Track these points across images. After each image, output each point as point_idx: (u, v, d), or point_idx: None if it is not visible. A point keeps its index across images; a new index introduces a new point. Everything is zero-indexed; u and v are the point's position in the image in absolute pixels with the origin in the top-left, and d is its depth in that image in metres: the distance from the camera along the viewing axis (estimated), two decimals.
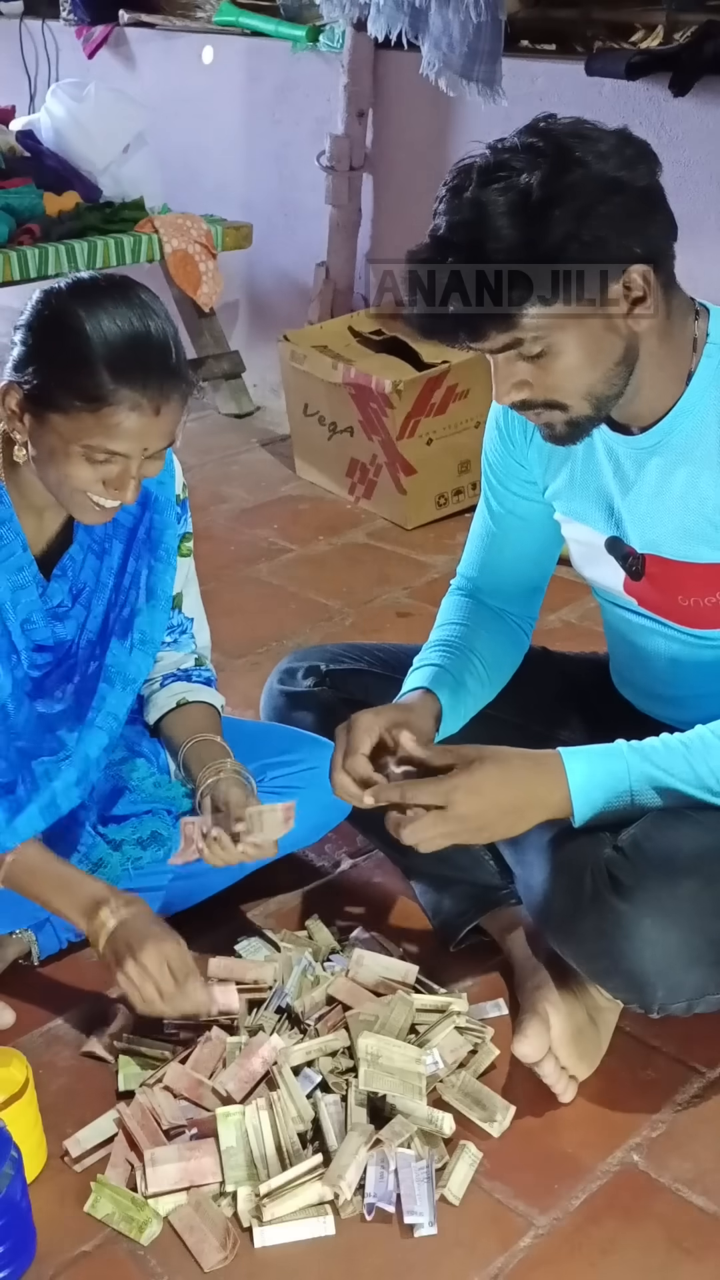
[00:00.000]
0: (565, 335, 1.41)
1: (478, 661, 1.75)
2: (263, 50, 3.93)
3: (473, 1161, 1.53)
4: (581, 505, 1.66)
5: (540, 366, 1.43)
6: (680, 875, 1.48)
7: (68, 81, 4.02)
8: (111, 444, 1.50)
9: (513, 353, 1.43)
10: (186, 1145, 1.51)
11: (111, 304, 1.50)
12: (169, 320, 1.54)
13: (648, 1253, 1.46)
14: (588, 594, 1.86)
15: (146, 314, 1.51)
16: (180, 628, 1.86)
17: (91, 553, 1.73)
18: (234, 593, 3.01)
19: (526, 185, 1.34)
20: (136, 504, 1.73)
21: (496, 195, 1.35)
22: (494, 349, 1.43)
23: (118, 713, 1.77)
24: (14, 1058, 1.50)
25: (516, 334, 1.40)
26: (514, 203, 1.34)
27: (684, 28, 3.33)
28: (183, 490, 1.81)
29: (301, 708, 1.95)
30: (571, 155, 1.35)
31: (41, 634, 1.71)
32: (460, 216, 1.37)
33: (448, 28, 3.03)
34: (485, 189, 1.35)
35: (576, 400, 1.46)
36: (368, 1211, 1.47)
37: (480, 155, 1.40)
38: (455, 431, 3.29)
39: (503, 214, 1.34)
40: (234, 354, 4.10)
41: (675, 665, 1.68)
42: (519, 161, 1.36)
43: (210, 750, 1.76)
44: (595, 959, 1.53)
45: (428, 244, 1.41)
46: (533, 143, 1.37)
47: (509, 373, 1.45)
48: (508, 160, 1.37)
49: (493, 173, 1.36)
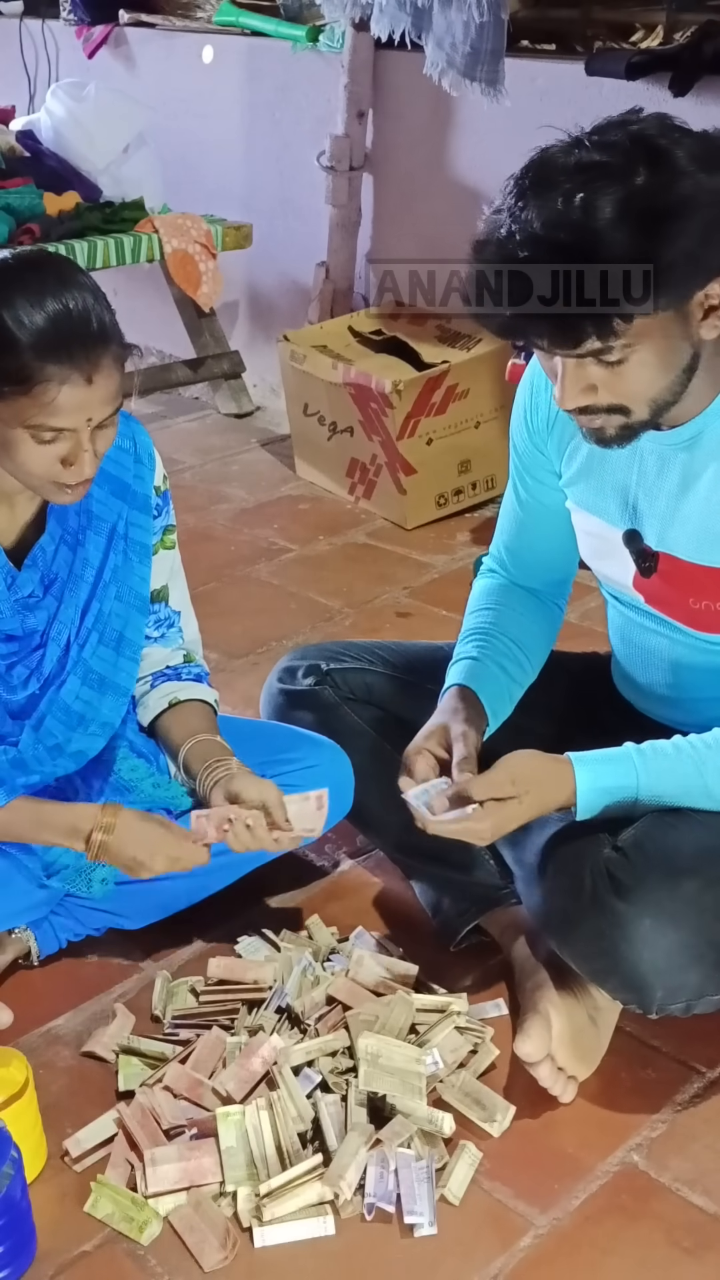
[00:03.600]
0: (648, 343, 1.36)
1: (513, 645, 1.76)
2: (263, 50, 3.93)
3: (472, 1161, 1.53)
4: (597, 497, 1.64)
5: (614, 372, 1.38)
6: (680, 876, 1.48)
7: (68, 81, 4.02)
8: (52, 420, 1.51)
9: (589, 359, 1.37)
10: (186, 1145, 1.51)
11: (24, 283, 1.50)
12: (89, 287, 1.53)
13: (648, 1253, 1.46)
14: (588, 594, 1.86)
15: (64, 285, 1.51)
16: (167, 621, 1.86)
17: (64, 544, 1.73)
18: (234, 593, 3.01)
19: (638, 190, 1.28)
20: (115, 498, 1.74)
21: (603, 197, 1.27)
22: (579, 354, 1.37)
23: (113, 719, 1.77)
24: (14, 1058, 1.50)
25: (610, 341, 1.34)
26: (625, 209, 1.28)
27: (684, 28, 3.33)
28: (163, 482, 1.81)
29: (301, 707, 1.94)
30: (675, 161, 1.30)
31: (9, 624, 1.71)
32: (565, 215, 1.29)
33: (450, 28, 3.03)
34: (591, 188, 1.28)
35: (640, 406, 1.42)
36: (368, 1211, 1.47)
37: (565, 147, 1.34)
38: (455, 431, 3.29)
39: (614, 218, 1.27)
40: (234, 354, 4.10)
41: (678, 668, 1.67)
42: (618, 160, 1.30)
43: (212, 749, 1.76)
44: (594, 959, 1.53)
45: (518, 239, 1.32)
46: (629, 142, 1.31)
47: (579, 377, 1.39)
48: (607, 160, 1.30)
49: (593, 171, 1.29)
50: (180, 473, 3.60)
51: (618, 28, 3.65)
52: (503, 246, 1.33)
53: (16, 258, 1.56)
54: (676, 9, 3.38)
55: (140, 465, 1.76)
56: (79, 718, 1.74)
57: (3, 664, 1.73)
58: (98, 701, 1.75)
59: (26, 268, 1.53)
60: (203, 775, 1.73)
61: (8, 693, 1.74)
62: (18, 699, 1.74)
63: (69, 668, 1.74)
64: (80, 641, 1.74)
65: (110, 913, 1.83)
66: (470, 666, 1.72)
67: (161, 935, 1.89)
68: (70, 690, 1.73)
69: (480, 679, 1.71)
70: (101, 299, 1.54)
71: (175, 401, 4.21)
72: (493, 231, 1.35)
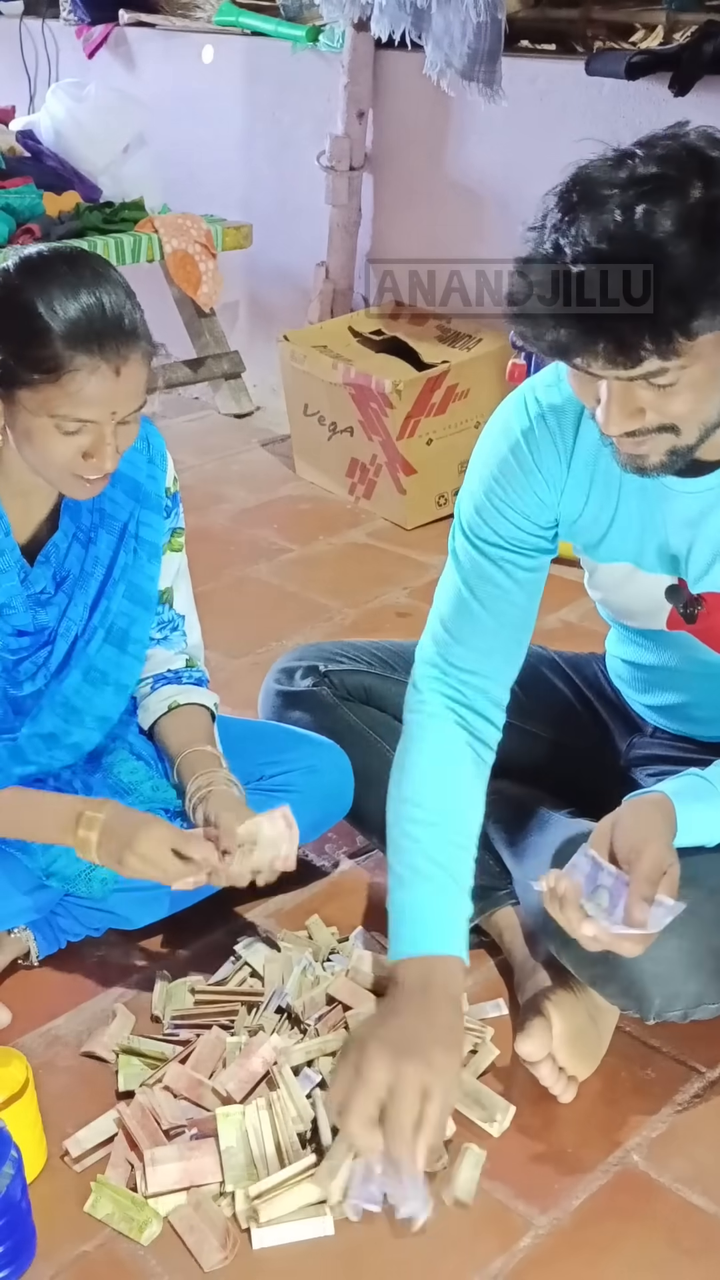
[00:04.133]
0: (701, 365, 1.28)
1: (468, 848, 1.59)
2: (263, 50, 3.93)
3: (476, 1162, 1.53)
4: (626, 544, 1.57)
5: (664, 394, 1.29)
6: (680, 885, 1.48)
7: (68, 81, 4.02)
8: (78, 411, 1.52)
9: (640, 380, 1.28)
10: (186, 1145, 1.51)
11: (60, 274, 1.52)
12: (122, 285, 1.56)
13: (647, 1253, 1.46)
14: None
15: (97, 280, 1.53)
16: (171, 624, 1.86)
17: (77, 541, 1.73)
18: (234, 593, 3.01)
19: (697, 202, 1.21)
20: (128, 497, 1.74)
21: (661, 209, 1.20)
22: (633, 376, 1.27)
23: (109, 714, 1.77)
24: (14, 1058, 1.50)
25: (670, 360, 1.25)
26: (686, 221, 1.20)
27: (684, 28, 3.33)
28: (173, 483, 1.82)
29: (299, 707, 1.94)
30: None
31: (21, 619, 1.72)
32: (626, 229, 1.21)
33: (449, 28, 3.03)
34: (649, 201, 1.21)
35: (690, 427, 1.34)
36: (353, 1214, 1.46)
37: (608, 161, 1.26)
38: (455, 431, 3.29)
39: (676, 233, 1.20)
40: (234, 354, 4.10)
41: (702, 690, 1.67)
42: (672, 172, 1.22)
43: (202, 761, 1.77)
44: (592, 965, 1.53)
45: (571, 254, 1.23)
46: (680, 154, 1.24)
47: (628, 400, 1.30)
48: (660, 172, 1.22)
49: (648, 184, 1.22)
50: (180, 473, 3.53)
51: (618, 28, 3.65)
52: (554, 262, 1.25)
53: (54, 250, 1.57)
54: (676, 9, 3.38)
55: (153, 465, 1.77)
56: (74, 711, 1.75)
57: (11, 659, 1.73)
58: (95, 696, 1.75)
59: (61, 260, 1.54)
60: (190, 790, 1.74)
61: (13, 687, 1.74)
62: (23, 694, 1.75)
63: (72, 662, 1.74)
64: (86, 638, 1.74)
65: (110, 913, 1.83)
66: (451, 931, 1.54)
67: (161, 935, 1.90)
68: (71, 684, 1.74)
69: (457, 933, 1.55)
70: (133, 297, 1.56)
71: (175, 401, 4.21)
72: (538, 248, 1.27)
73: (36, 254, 1.56)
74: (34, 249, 1.58)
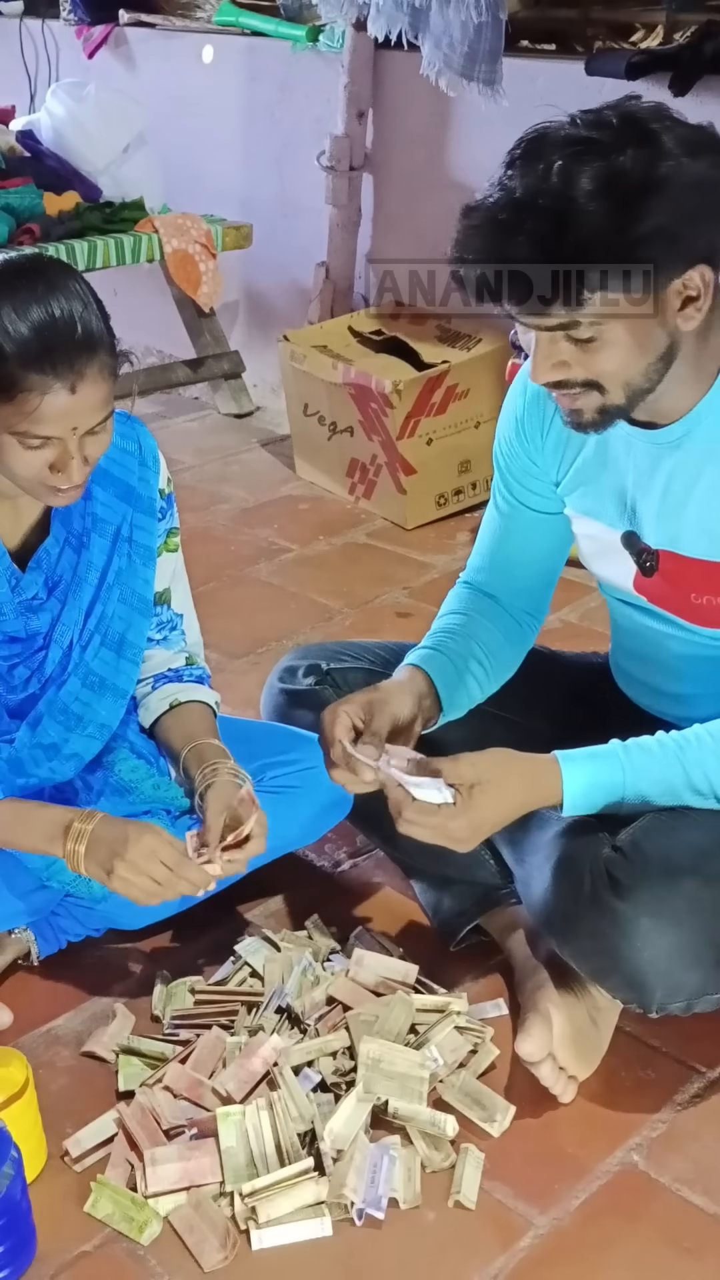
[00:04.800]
0: (619, 325, 1.38)
1: (478, 648, 1.74)
2: (263, 50, 3.93)
3: (477, 1164, 1.53)
4: (595, 501, 1.65)
5: (585, 350, 1.40)
6: (679, 875, 1.48)
7: (68, 81, 4.02)
8: (37, 429, 1.50)
9: (560, 333, 1.39)
10: (186, 1145, 1.51)
11: (10, 291, 1.48)
12: (78, 295, 1.51)
13: (647, 1253, 1.46)
14: (588, 594, 1.86)
15: (51, 292, 1.48)
16: (170, 624, 1.86)
17: (69, 546, 1.73)
18: (234, 593, 3.01)
19: (620, 166, 1.31)
20: (120, 500, 1.73)
21: (585, 169, 1.30)
22: (547, 326, 1.39)
23: (110, 722, 1.77)
24: (14, 1058, 1.50)
25: (577, 316, 1.36)
26: (604, 182, 1.30)
27: (684, 28, 3.33)
28: (167, 484, 1.81)
29: (302, 706, 1.94)
30: (661, 143, 1.32)
31: (13, 626, 1.71)
32: (545, 183, 1.32)
33: (448, 28, 3.03)
34: (575, 160, 1.31)
35: (615, 387, 1.43)
36: (357, 1218, 1.46)
37: (560, 125, 1.37)
38: (455, 431, 3.29)
39: (592, 191, 1.30)
40: (234, 354, 4.10)
41: (683, 663, 1.68)
42: (605, 138, 1.32)
43: (208, 752, 1.76)
44: (594, 959, 1.53)
45: (499, 203, 1.36)
46: (618, 122, 1.34)
47: (551, 352, 1.42)
48: (595, 137, 1.33)
49: (580, 145, 1.32)
50: (180, 473, 3.60)
51: (618, 28, 3.65)
52: (486, 211, 1.37)
53: (8, 263, 1.53)
54: (676, 9, 3.37)
55: (145, 468, 1.76)
56: (76, 718, 1.74)
57: (4, 665, 1.73)
58: (96, 703, 1.75)
59: (16, 274, 1.51)
60: (198, 780, 1.73)
61: (8, 693, 1.74)
62: (17, 699, 1.75)
63: (70, 669, 1.74)
64: (82, 643, 1.74)
65: (110, 913, 1.83)
66: (427, 655, 1.71)
67: (161, 935, 1.90)
68: (70, 691, 1.74)
69: (436, 666, 1.69)
70: (91, 306, 1.51)
71: (175, 401, 4.21)
72: (483, 199, 1.39)
73: None
74: None
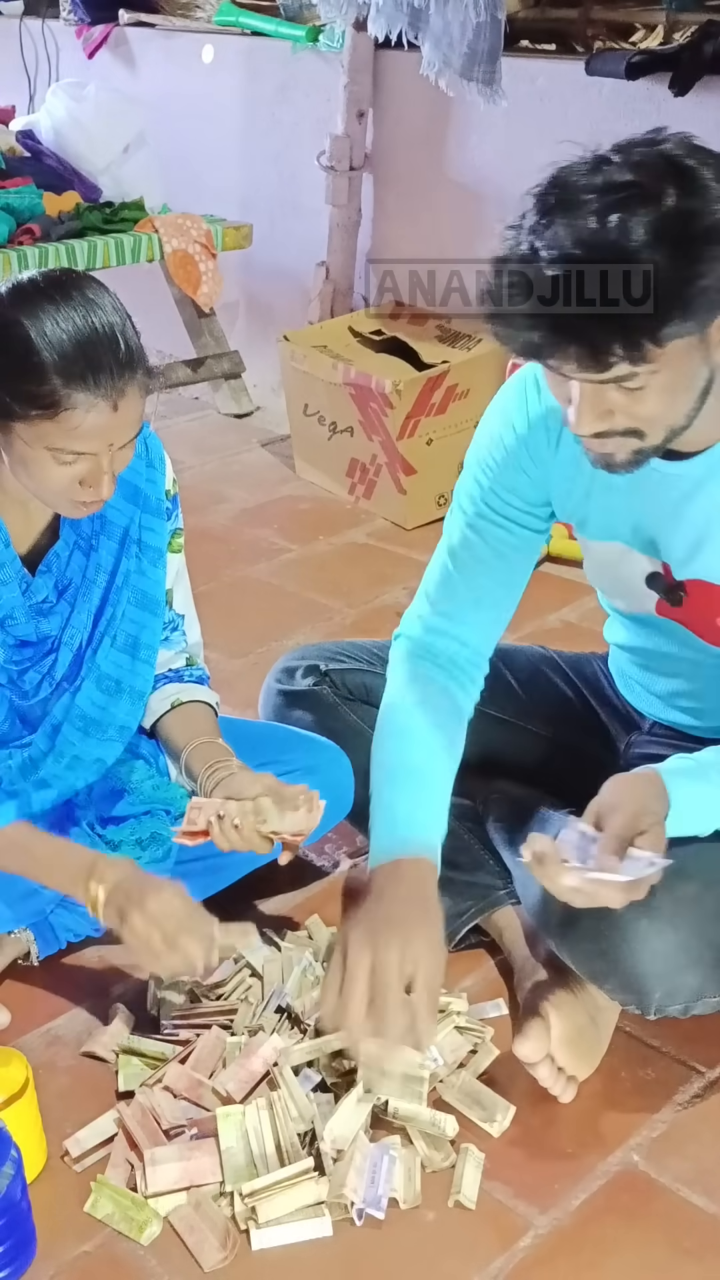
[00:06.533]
0: (670, 369, 1.30)
1: (445, 772, 1.63)
2: (263, 50, 3.93)
3: (477, 1164, 1.53)
4: (613, 527, 1.60)
5: (633, 397, 1.31)
6: (678, 878, 1.48)
7: (68, 81, 4.02)
8: (75, 445, 1.50)
9: (611, 383, 1.30)
10: (186, 1145, 1.51)
11: (53, 305, 1.48)
12: (117, 310, 1.52)
13: (648, 1253, 1.46)
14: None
15: (91, 309, 1.49)
16: (171, 624, 1.86)
17: (78, 549, 1.73)
18: (234, 593, 3.01)
19: (671, 212, 1.23)
20: (128, 502, 1.74)
21: (638, 217, 1.22)
22: (602, 380, 1.30)
23: (129, 724, 1.77)
24: (14, 1058, 1.50)
25: (639, 366, 1.27)
26: (661, 231, 1.22)
27: (684, 28, 3.33)
28: (172, 485, 1.81)
29: (300, 707, 1.94)
30: (703, 182, 1.25)
31: (23, 630, 1.71)
32: (600, 235, 1.23)
33: (448, 28, 3.03)
34: (623, 208, 1.22)
35: (656, 430, 1.36)
36: (358, 1217, 1.46)
37: (586, 165, 1.27)
38: (455, 431, 3.29)
39: (650, 241, 1.22)
40: (234, 354, 4.10)
41: (699, 679, 1.67)
42: (646, 180, 1.24)
43: (214, 751, 1.76)
44: (593, 960, 1.53)
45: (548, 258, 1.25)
46: (655, 161, 1.26)
47: (598, 403, 1.32)
48: (636, 179, 1.24)
49: (623, 191, 1.24)
50: (180, 473, 3.53)
51: (618, 28, 3.65)
52: (533, 266, 1.26)
53: (45, 278, 1.52)
54: (676, 9, 3.37)
55: (152, 469, 1.77)
56: (94, 723, 1.74)
57: (16, 669, 1.73)
58: (113, 706, 1.75)
59: (55, 288, 1.50)
60: (204, 777, 1.73)
61: (20, 698, 1.75)
62: (29, 704, 1.75)
63: (82, 673, 1.74)
64: (93, 646, 1.74)
65: None
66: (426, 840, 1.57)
67: None
68: (86, 696, 1.74)
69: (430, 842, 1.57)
70: (129, 323, 1.52)
71: (175, 401, 4.21)
72: (515, 248, 1.29)
73: (29, 281, 1.51)
74: (25, 275, 1.53)
